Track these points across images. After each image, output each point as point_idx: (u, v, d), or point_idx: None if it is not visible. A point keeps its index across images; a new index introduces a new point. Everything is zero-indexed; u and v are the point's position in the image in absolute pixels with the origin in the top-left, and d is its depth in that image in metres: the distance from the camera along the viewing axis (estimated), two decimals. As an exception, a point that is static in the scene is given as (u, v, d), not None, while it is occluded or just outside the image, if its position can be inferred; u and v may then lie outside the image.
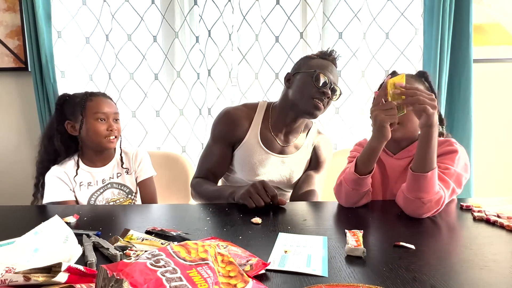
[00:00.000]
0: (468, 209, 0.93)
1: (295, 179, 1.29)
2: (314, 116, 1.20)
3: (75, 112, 1.23)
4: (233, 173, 1.31)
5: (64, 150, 1.26)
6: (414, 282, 0.56)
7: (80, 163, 1.27)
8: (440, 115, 1.12)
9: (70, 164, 1.26)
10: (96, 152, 1.28)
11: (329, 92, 1.17)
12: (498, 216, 0.85)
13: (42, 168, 1.26)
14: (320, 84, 1.16)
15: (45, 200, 1.20)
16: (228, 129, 1.24)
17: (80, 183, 1.25)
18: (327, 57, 1.23)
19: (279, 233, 0.78)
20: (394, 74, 1.13)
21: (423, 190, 0.86)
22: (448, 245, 0.71)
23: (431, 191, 0.86)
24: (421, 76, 1.10)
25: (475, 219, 0.86)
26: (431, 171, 0.86)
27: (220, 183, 1.36)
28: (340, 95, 1.23)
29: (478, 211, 0.89)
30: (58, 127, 1.25)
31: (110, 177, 1.29)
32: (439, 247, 0.70)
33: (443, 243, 0.72)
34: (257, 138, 1.24)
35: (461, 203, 0.97)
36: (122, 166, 1.31)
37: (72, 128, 1.25)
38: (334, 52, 1.25)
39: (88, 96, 1.24)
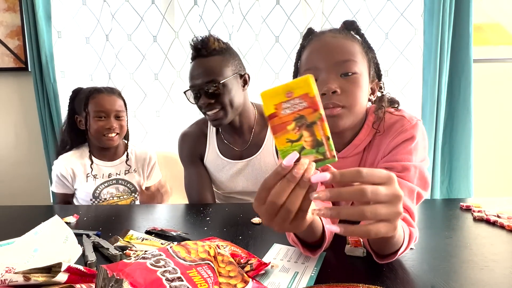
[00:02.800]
0: (468, 209, 0.93)
1: None
2: (221, 125, 1.12)
3: (80, 108, 1.24)
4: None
5: (71, 143, 1.29)
6: (414, 282, 0.56)
7: (89, 154, 1.28)
8: (377, 66, 0.76)
9: (77, 156, 1.28)
10: (103, 148, 1.29)
11: (205, 99, 1.06)
12: (498, 216, 0.85)
13: (59, 153, 1.31)
14: (193, 102, 1.10)
15: (52, 189, 1.30)
16: (190, 149, 1.23)
17: (87, 174, 1.26)
18: (192, 58, 1.10)
19: (274, 244, 0.72)
20: (311, 33, 0.77)
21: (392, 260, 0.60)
22: (448, 245, 0.71)
23: (401, 253, 0.59)
24: (350, 28, 0.75)
25: (475, 219, 0.86)
26: (398, 253, 0.58)
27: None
28: (218, 83, 1.04)
29: (478, 211, 0.89)
30: (69, 120, 1.29)
31: (117, 173, 1.30)
32: (439, 247, 0.70)
33: (443, 243, 0.72)
34: (216, 152, 1.21)
35: (461, 203, 0.96)
36: (126, 162, 1.31)
37: (80, 122, 1.27)
38: (198, 39, 1.07)
39: (92, 94, 1.24)
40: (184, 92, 1.12)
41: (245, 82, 1.14)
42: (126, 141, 1.35)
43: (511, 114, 1.91)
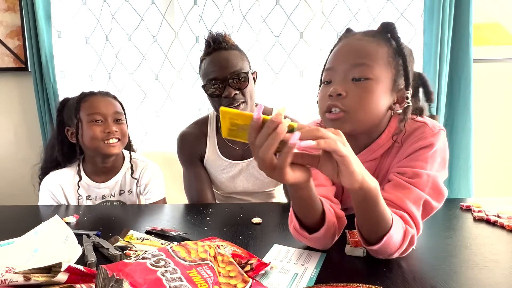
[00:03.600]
0: (468, 209, 0.93)
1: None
2: None
3: (71, 116, 1.10)
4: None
5: (64, 161, 1.15)
6: (414, 282, 0.56)
7: (82, 173, 1.14)
8: (408, 75, 0.69)
9: (69, 174, 1.14)
10: (100, 162, 1.14)
11: (230, 90, 1.04)
12: (498, 216, 0.85)
13: (43, 175, 1.18)
14: (214, 95, 1.06)
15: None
16: (190, 150, 1.21)
17: (78, 197, 1.15)
18: (211, 51, 1.07)
19: (274, 244, 0.72)
20: (347, 32, 0.74)
21: (384, 254, 0.62)
22: (448, 245, 0.71)
23: (394, 248, 0.60)
24: (386, 31, 0.70)
25: (475, 219, 0.86)
26: (386, 236, 0.57)
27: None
28: (247, 72, 1.06)
29: (478, 211, 0.89)
30: (58, 135, 1.14)
31: (111, 194, 1.18)
32: (439, 247, 0.70)
33: (443, 243, 0.72)
34: (216, 151, 1.20)
35: (461, 203, 0.96)
36: (132, 175, 1.19)
37: (72, 134, 1.11)
38: (216, 34, 1.09)
39: (83, 97, 1.10)
40: (203, 86, 1.09)
41: (254, 80, 1.15)
42: (127, 152, 1.20)
43: (511, 114, 1.91)
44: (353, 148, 0.66)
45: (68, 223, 0.87)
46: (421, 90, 0.76)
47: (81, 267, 0.51)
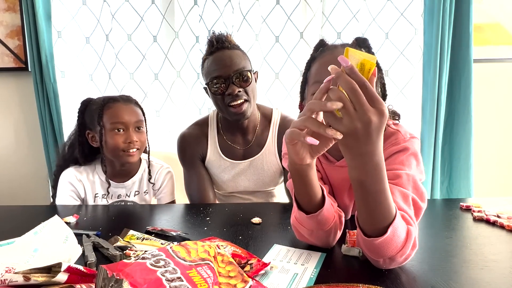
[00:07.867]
0: (468, 209, 0.93)
1: (272, 176, 1.22)
2: (244, 118, 1.11)
3: (93, 121, 1.10)
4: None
5: (83, 161, 1.16)
6: (414, 282, 0.56)
7: (100, 173, 1.16)
8: (384, 87, 0.77)
9: (88, 172, 1.17)
10: (119, 165, 1.16)
11: (233, 87, 1.05)
12: (498, 216, 0.85)
13: (59, 172, 1.18)
14: (218, 92, 1.07)
15: (56, 202, 1.15)
16: (191, 151, 1.21)
17: (95, 194, 1.17)
18: (214, 50, 1.09)
19: (274, 244, 0.72)
20: (322, 45, 0.80)
21: (385, 253, 0.57)
22: (448, 245, 0.71)
23: (397, 247, 0.56)
24: (361, 45, 0.78)
25: (475, 219, 0.86)
26: (391, 228, 0.54)
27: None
28: (249, 71, 1.09)
29: (478, 211, 0.89)
30: (79, 137, 1.14)
31: (126, 194, 1.20)
32: (439, 247, 0.70)
33: (443, 243, 0.72)
34: (217, 151, 1.20)
35: (461, 203, 0.96)
36: (149, 180, 1.21)
37: (93, 138, 1.13)
38: (219, 33, 1.11)
39: (106, 103, 1.10)
40: (206, 84, 1.10)
41: (255, 80, 1.17)
42: (145, 155, 1.22)
43: (511, 114, 1.91)
44: (336, 154, 0.78)
45: (68, 223, 0.87)
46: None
47: (81, 267, 0.51)
